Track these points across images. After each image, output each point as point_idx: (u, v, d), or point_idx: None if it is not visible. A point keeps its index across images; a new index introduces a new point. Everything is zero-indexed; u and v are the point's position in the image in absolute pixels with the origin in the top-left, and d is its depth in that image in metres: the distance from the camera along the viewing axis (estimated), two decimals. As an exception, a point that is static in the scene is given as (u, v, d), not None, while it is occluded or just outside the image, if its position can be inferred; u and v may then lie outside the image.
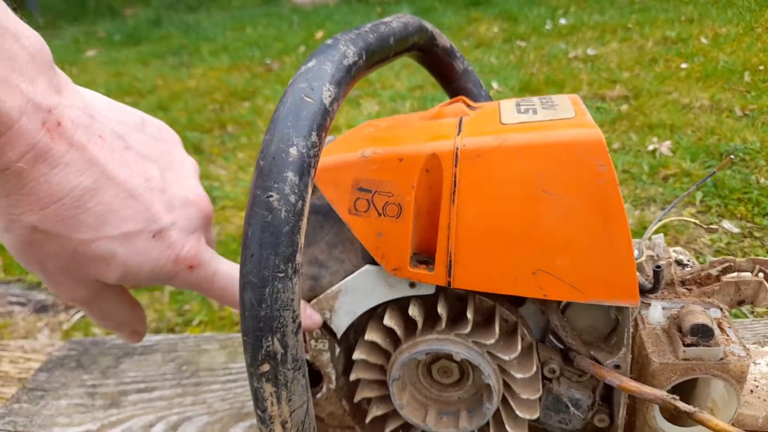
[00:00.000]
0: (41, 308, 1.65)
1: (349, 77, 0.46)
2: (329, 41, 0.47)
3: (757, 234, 1.52)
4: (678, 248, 0.69)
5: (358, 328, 0.60)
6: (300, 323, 0.42)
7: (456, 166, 0.50)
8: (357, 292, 0.56)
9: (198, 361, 0.88)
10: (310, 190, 0.41)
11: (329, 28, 4.07)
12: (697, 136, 1.99)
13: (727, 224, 1.58)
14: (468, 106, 0.59)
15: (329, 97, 0.43)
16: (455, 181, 0.50)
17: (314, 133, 0.41)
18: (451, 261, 0.52)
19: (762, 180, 1.68)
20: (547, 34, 3.36)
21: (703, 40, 2.85)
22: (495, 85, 2.67)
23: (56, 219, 0.37)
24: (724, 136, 1.97)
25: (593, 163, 0.47)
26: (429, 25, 0.63)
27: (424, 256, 0.56)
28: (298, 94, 0.42)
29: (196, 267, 0.44)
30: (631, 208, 1.67)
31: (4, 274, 1.76)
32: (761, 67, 2.40)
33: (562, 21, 3.54)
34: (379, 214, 0.53)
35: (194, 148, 2.39)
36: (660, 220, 0.66)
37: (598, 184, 0.47)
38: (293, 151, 0.40)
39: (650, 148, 1.95)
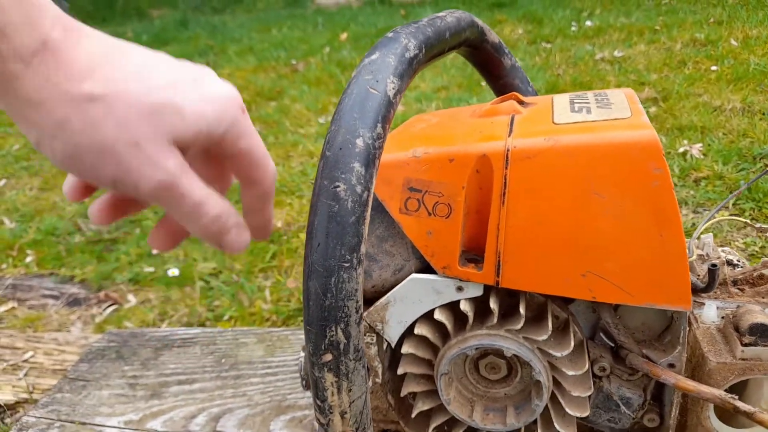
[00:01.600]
0: (74, 301, 1.68)
1: (410, 70, 0.46)
2: (390, 34, 0.47)
3: (792, 239, 1.49)
4: (726, 248, 0.68)
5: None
6: (362, 314, 0.42)
7: (507, 167, 0.50)
8: (406, 302, 0.56)
9: (237, 354, 0.89)
10: (374, 182, 0.41)
11: (353, 29, 4.08)
12: (728, 139, 1.96)
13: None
14: (520, 103, 0.59)
15: (393, 89, 0.43)
16: (505, 182, 0.50)
17: (379, 125, 0.42)
18: (499, 261, 0.52)
19: (797, 184, 1.66)
20: (572, 36, 3.33)
21: (733, 42, 2.80)
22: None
23: (108, 76, 0.33)
24: (757, 138, 1.94)
25: (648, 165, 0.47)
26: (479, 21, 0.63)
27: (473, 254, 0.56)
28: (363, 85, 0.42)
29: (246, 112, 0.40)
30: (663, 211, 1.65)
31: (38, 268, 1.79)
32: (794, 70, 2.36)
33: (588, 23, 3.51)
34: (429, 214, 0.54)
35: (221, 147, 2.42)
36: (708, 220, 0.66)
37: (653, 188, 0.47)
38: (359, 142, 0.40)
39: (681, 150, 1.93)
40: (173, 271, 1.65)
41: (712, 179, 1.77)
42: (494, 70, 0.68)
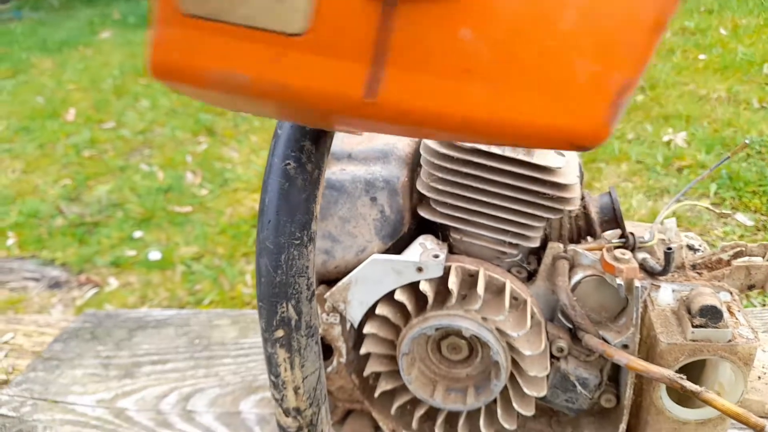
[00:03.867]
0: (55, 284, 1.68)
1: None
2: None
3: (770, 227, 1.51)
4: (690, 233, 0.69)
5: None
6: (314, 291, 0.42)
7: None
8: (367, 283, 0.57)
9: (210, 335, 0.89)
10: (326, 160, 0.42)
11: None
12: (713, 128, 1.98)
13: (741, 217, 1.57)
14: None
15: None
16: None
17: (331, 104, 0.42)
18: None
19: (777, 173, 1.67)
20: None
21: (723, 31, 2.81)
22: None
23: None
24: (740, 128, 1.96)
25: None
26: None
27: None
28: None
29: None
30: (645, 199, 1.66)
31: (19, 250, 1.79)
32: (780, 60, 2.37)
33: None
34: None
35: (207, 130, 2.41)
36: (672, 204, 0.66)
37: None
38: (311, 121, 0.41)
39: (665, 139, 1.94)
40: (155, 255, 1.65)
41: (695, 168, 1.79)
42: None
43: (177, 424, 0.72)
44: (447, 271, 0.56)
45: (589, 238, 0.62)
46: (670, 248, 0.55)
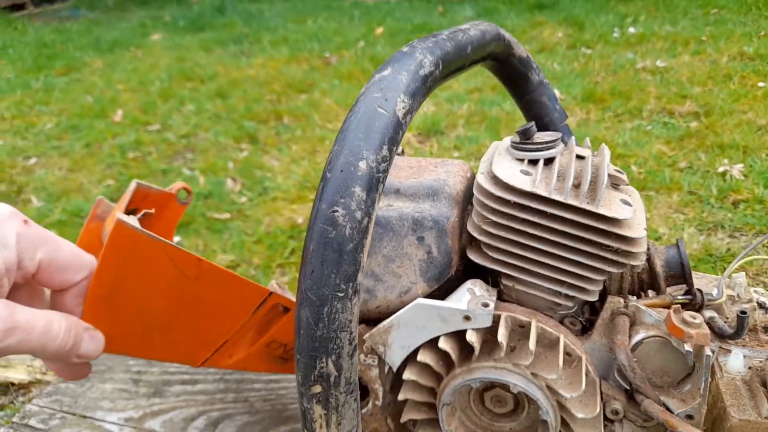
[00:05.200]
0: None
1: (424, 88, 0.43)
2: (405, 48, 0.45)
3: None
4: (760, 289, 0.63)
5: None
6: (356, 346, 0.39)
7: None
8: (410, 327, 0.53)
9: (241, 357, 0.87)
10: (377, 207, 0.39)
11: (389, 24, 4.04)
12: (771, 160, 1.89)
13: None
14: None
15: (403, 108, 0.41)
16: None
17: (385, 147, 0.39)
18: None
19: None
20: (614, 42, 3.24)
21: (784, 58, 2.69)
22: (557, 92, 2.58)
23: None
24: (802, 162, 1.86)
25: None
26: (506, 34, 0.60)
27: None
28: (371, 104, 0.40)
29: (30, 222, 0.39)
30: (697, 233, 1.58)
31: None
32: None
33: (631, 30, 3.40)
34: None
35: (250, 138, 2.41)
36: (741, 258, 0.61)
37: None
38: (362, 165, 0.38)
39: (720, 169, 1.85)
40: (192, 261, 1.65)
41: (752, 203, 1.69)
42: (520, 86, 0.64)
43: (203, 453, 0.70)
44: (496, 320, 0.52)
45: (650, 292, 0.58)
46: (744, 312, 0.50)
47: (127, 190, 0.68)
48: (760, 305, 0.60)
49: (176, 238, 1.78)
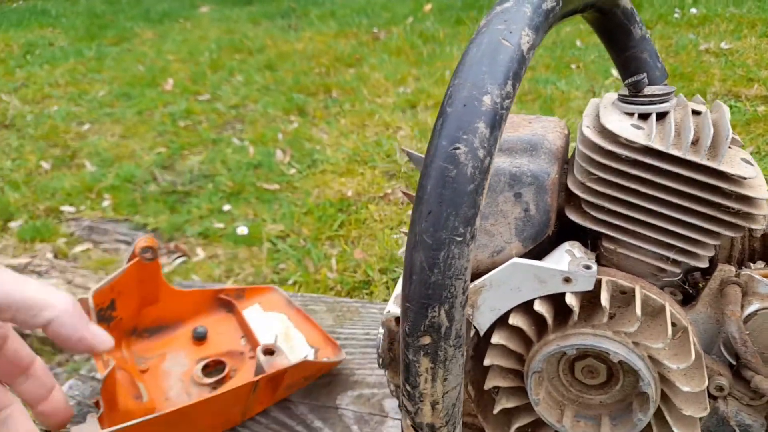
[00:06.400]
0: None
1: (546, 24, 0.40)
2: (525, -19, 0.41)
3: None
4: None
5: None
6: (468, 297, 0.37)
7: None
8: (503, 288, 0.50)
9: (304, 321, 0.86)
10: (497, 147, 0.36)
11: (438, 0, 3.97)
12: None
13: None
14: None
15: (527, 42, 0.37)
16: None
17: (510, 82, 0.36)
18: None
19: None
20: (674, 23, 3.11)
21: None
22: (615, 72, 2.50)
23: None
24: None
25: None
26: (613, -18, 0.56)
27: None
28: (495, 36, 0.37)
29: None
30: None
31: (114, 213, 1.84)
32: None
33: (693, 10, 3.26)
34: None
35: (299, 110, 2.40)
36: None
37: None
38: (487, 99, 0.35)
39: (789, 156, 1.77)
40: (242, 230, 1.66)
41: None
42: (622, 40, 0.60)
43: (272, 411, 0.69)
44: (597, 284, 0.49)
45: (759, 262, 0.54)
46: None
47: (83, 308, 0.71)
48: None
49: (226, 207, 1.78)
